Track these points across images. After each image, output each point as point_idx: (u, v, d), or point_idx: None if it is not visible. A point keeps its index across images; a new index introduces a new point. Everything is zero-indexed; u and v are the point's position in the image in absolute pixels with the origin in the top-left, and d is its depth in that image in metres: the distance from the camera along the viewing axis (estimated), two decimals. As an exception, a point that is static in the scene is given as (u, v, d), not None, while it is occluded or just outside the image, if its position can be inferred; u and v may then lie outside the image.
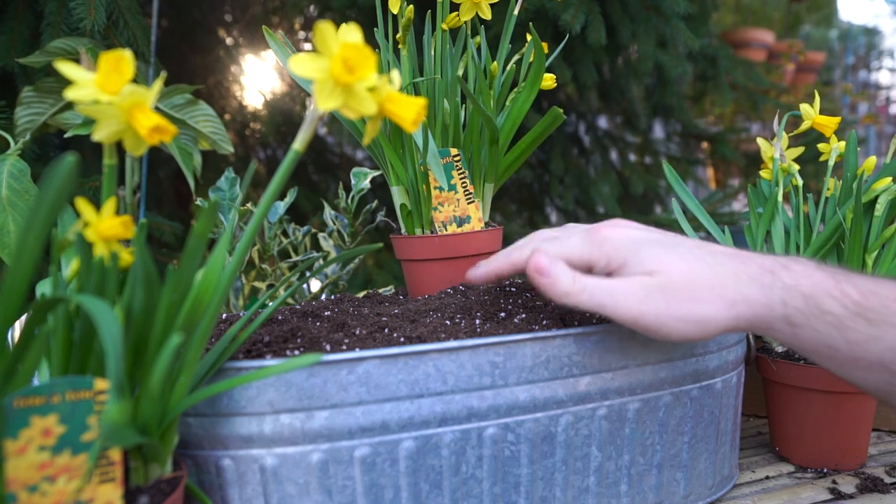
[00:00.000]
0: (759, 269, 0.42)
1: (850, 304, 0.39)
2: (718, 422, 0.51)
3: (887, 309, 0.38)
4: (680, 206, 0.70)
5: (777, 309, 0.40)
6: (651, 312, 0.41)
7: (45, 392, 0.31)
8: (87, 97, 0.33)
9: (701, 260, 0.43)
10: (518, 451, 0.44)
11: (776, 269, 0.42)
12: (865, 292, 0.39)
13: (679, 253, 0.43)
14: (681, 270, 0.42)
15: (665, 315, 0.41)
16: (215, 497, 0.41)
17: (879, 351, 0.38)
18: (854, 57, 4.45)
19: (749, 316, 0.41)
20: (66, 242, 0.36)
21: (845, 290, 0.39)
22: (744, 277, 0.42)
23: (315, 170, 1.75)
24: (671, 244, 0.44)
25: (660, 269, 0.42)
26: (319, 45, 0.33)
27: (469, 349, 0.42)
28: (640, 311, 0.41)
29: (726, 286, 0.41)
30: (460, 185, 0.60)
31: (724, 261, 0.42)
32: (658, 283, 0.42)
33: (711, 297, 0.41)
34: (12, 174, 0.57)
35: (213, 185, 0.73)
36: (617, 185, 1.83)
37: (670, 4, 1.26)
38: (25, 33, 0.90)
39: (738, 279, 0.41)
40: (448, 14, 0.60)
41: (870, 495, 0.54)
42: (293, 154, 0.35)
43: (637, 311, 0.41)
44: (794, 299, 0.40)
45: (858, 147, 0.63)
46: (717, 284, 0.41)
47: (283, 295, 0.47)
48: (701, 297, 0.41)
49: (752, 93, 1.95)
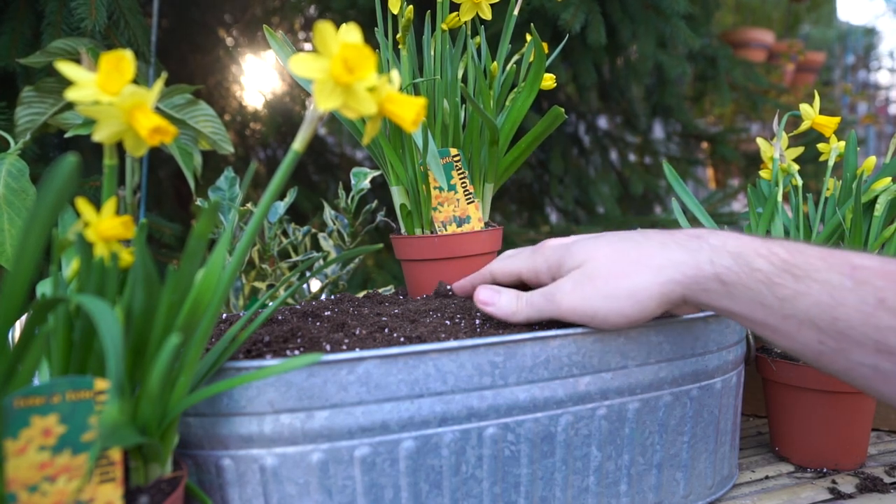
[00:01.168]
0: (685, 236, 0.43)
1: (778, 262, 0.40)
2: (718, 422, 0.51)
3: (811, 265, 0.39)
4: (680, 206, 0.70)
5: (705, 268, 0.41)
6: (582, 299, 0.43)
7: (45, 392, 0.31)
8: (88, 98, 0.33)
9: (628, 240, 0.44)
10: (518, 450, 0.44)
11: (702, 233, 0.43)
12: (791, 250, 0.40)
13: (606, 239, 0.45)
14: (605, 253, 0.44)
15: (594, 297, 0.43)
16: (215, 497, 0.41)
17: (806, 307, 0.39)
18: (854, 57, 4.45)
19: (679, 278, 0.41)
20: (66, 242, 0.36)
21: (772, 249, 0.40)
22: (670, 244, 0.43)
23: (315, 170, 1.75)
24: (602, 235, 0.46)
25: (587, 258, 0.44)
26: (319, 45, 0.33)
27: (469, 349, 0.42)
28: (572, 302, 0.43)
29: (653, 256, 0.42)
30: (460, 186, 0.60)
31: (652, 236, 0.44)
32: (586, 271, 0.44)
33: (638, 268, 0.42)
34: (10, 173, 0.57)
35: (213, 185, 0.73)
36: (617, 186, 1.83)
37: (671, 4, 1.25)
38: (27, 33, 0.90)
39: (664, 247, 0.43)
40: (448, 14, 0.60)
41: (869, 495, 0.54)
42: (293, 154, 0.35)
43: (570, 302, 0.43)
44: (722, 258, 0.41)
45: (858, 147, 0.63)
46: (644, 255, 0.43)
47: (283, 295, 0.47)
48: (627, 270, 0.43)
49: (752, 93, 1.95)
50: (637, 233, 0.45)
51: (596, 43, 1.21)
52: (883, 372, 0.37)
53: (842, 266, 0.38)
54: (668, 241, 0.43)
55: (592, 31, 1.20)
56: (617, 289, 0.43)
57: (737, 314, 0.41)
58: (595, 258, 0.44)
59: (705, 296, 0.42)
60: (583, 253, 0.45)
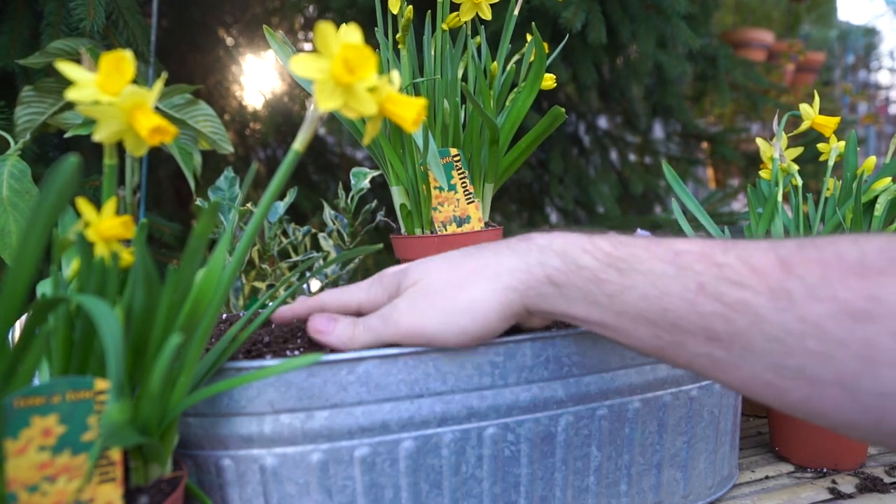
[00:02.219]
0: (517, 240, 0.42)
1: (602, 256, 0.38)
2: (718, 422, 0.51)
3: (635, 257, 0.37)
4: (679, 206, 0.70)
5: (536, 271, 0.39)
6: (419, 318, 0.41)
7: (45, 392, 0.31)
8: (88, 98, 0.33)
9: (464, 254, 0.43)
10: (518, 450, 0.44)
11: (532, 236, 0.41)
12: (616, 243, 0.38)
13: (443, 256, 0.43)
14: (441, 269, 0.42)
15: (431, 315, 0.40)
16: (215, 497, 0.41)
17: (634, 300, 0.37)
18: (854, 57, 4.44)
19: (514, 284, 0.40)
20: (66, 242, 0.36)
21: (597, 244, 0.39)
22: (503, 251, 0.41)
23: (315, 170, 1.75)
24: (440, 255, 0.44)
25: (422, 275, 0.42)
26: (320, 46, 0.33)
27: (469, 349, 0.42)
28: (409, 322, 0.41)
29: (488, 266, 0.41)
30: (460, 185, 0.60)
31: (488, 246, 0.42)
32: (421, 287, 0.41)
33: (474, 279, 0.40)
34: (13, 175, 0.57)
35: (213, 184, 0.73)
36: (617, 185, 1.83)
37: (671, 3, 1.25)
38: (25, 33, 0.90)
39: (497, 255, 0.41)
40: (448, 14, 0.60)
41: (869, 495, 0.54)
42: (293, 154, 0.35)
43: (407, 322, 0.41)
44: (550, 258, 0.39)
45: (858, 147, 0.63)
46: (479, 266, 0.41)
47: (283, 295, 0.47)
48: (463, 283, 0.41)
49: (752, 93, 1.95)
50: (474, 247, 0.43)
51: (596, 42, 1.21)
52: (718, 360, 0.35)
53: (665, 254, 0.37)
54: (500, 249, 0.41)
55: (593, 30, 1.20)
56: (453, 303, 0.40)
57: (575, 317, 0.39)
58: (430, 273, 0.42)
59: (542, 301, 0.40)
60: (418, 272, 0.42)
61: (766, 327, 0.33)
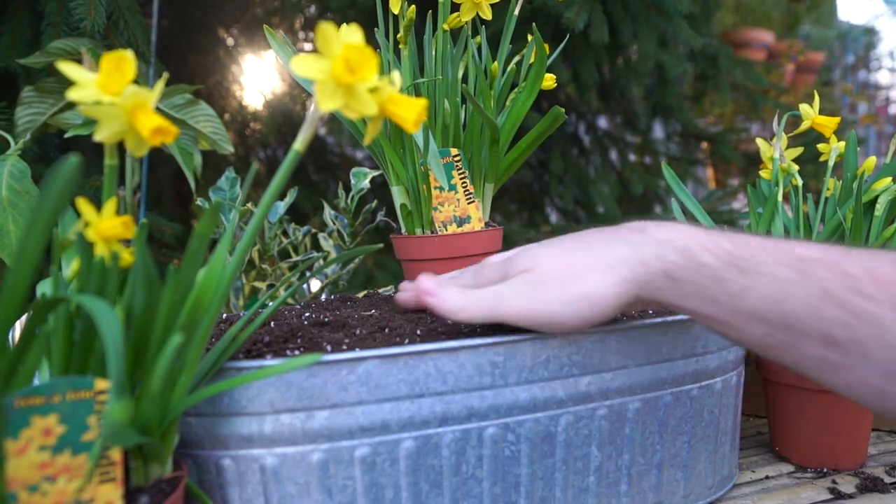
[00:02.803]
0: (629, 231, 0.42)
1: (723, 255, 0.39)
2: (718, 422, 0.51)
3: (756, 258, 0.38)
4: (679, 205, 0.70)
5: (653, 264, 0.40)
6: (538, 303, 0.41)
7: (45, 392, 0.31)
8: (90, 98, 0.33)
9: (574, 242, 0.43)
10: (518, 450, 0.44)
11: (647, 227, 0.42)
12: (737, 243, 0.39)
13: (552, 244, 0.44)
14: (553, 258, 0.43)
15: (551, 301, 0.41)
16: (215, 497, 0.41)
17: (754, 301, 0.38)
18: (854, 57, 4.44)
19: (631, 277, 0.40)
20: (66, 242, 0.36)
21: (717, 242, 0.39)
22: (616, 242, 0.42)
23: (315, 170, 1.75)
24: (546, 242, 0.45)
25: (534, 264, 0.43)
26: (321, 46, 0.33)
27: (469, 349, 0.42)
28: (527, 305, 0.42)
29: (602, 257, 0.41)
30: (460, 185, 0.60)
31: (599, 236, 0.43)
32: (536, 276, 0.42)
33: (589, 271, 0.41)
34: (13, 175, 0.57)
35: (214, 185, 0.73)
36: (617, 185, 1.83)
37: (673, 3, 1.25)
38: (27, 33, 0.90)
39: (610, 246, 0.42)
40: (449, 14, 0.60)
41: (869, 495, 0.54)
42: (294, 154, 0.35)
43: (525, 305, 0.42)
44: (669, 253, 0.40)
45: (858, 147, 0.63)
46: (594, 257, 0.41)
47: (283, 295, 0.47)
48: (580, 273, 0.41)
49: (752, 93, 1.95)
50: (580, 234, 0.44)
51: (599, 42, 1.20)
52: (831, 363, 0.37)
53: (787, 258, 0.38)
54: (612, 239, 0.42)
55: (595, 30, 1.20)
56: (571, 292, 0.41)
57: (688, 310, 0.40)
58: (542, 264, 0.42)
59: (657, 293, 0.41)
60: (528, 260, 0.43)
61: (887, 336, 0.35)
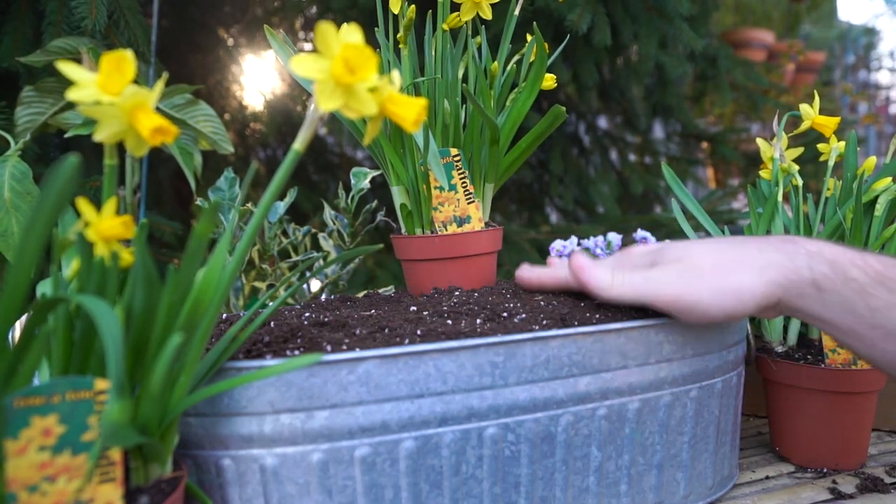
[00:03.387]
0: (781, 241, 0.44)
1: (873, 273, 0.41)
2: (718, 422, 0.51)
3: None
4: (679, 205, 0.70)
5: (804, 273, 0.42)
6: (687, 289, 0.44)
7: (45, 392, 0.31)
8: (89, 98, 0.33)
9: (722, 242, 0.46)
10: (518, 451, 0.44)
11: (798, 239, 0.44)
12: (887, 263, 0.41)
13: (704, 241, 0.46)
14: (704, 252, 0.45)
15: (702, 289, 0.43)
16: (215, 497, 0.41)
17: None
18: (854, 57, 4.44)
19: (780, 280, 0.42)
20: (66, 242, 0.36)
21: (867, 261, 0.42)
22: (768, 248, 0.44)
23: (315, 170, 1.75)
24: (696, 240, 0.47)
25: (687, 255, 0.45)
26: (321, 46, 0.33)
27: (469, 349, 0.42)
28: (677, 291, 0.44)
29: (754, 258, 0.43)
30: (460, 185, 0.60)
31: (745, 241, 0.45)
32: (687, 265, 0.45)
33: (741, 268, 0.43)
34: (14, 176, 0.57)
35: (213, 184, 0.73)
36: (617, 185, 1.83)
37: (674, 5, 1.25)
38: (28, 33, 0.90)
39: (762, 251, 0.44)
40: (449, 14, 0.60)
41: (870, 495, 0.54)
42: (294, 154, 0.35)
43: (675, 290, 0.44)
44: (820, 264, 0.42)
45: (858, 147, 0.63)
46: (745, 257, 0.44)
47: (283, 295, 0.47)
48: (731, 268, 0.43)
49: (752, 93, 1.95)
50: (732, 238, 0.47)
51: (601, 44, 1.20)
52: None
53: None
54: (764, 246, 0.44)
55: (598, 31, 1.20)
56: (723, 283, 0.43)
57: (826, 321, 0.42)
58: (693, 256, 0.45)
59: (800, 300, 0.43)
60: (679, 251, 0.45)
61: None
